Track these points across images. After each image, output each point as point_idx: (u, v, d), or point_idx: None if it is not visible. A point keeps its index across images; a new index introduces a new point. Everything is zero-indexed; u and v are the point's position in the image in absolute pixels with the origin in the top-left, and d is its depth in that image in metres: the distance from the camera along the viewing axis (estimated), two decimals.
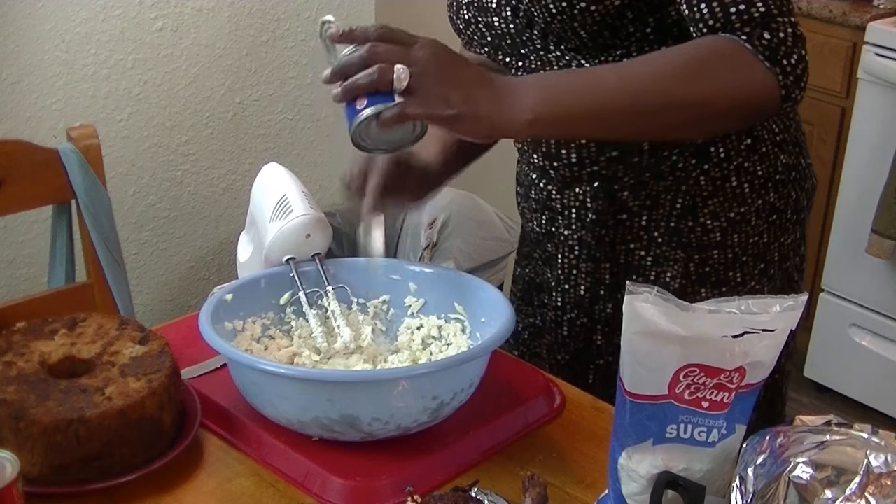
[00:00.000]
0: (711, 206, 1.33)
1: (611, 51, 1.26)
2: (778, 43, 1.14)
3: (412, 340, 1.33)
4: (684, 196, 1.33)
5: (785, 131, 1.35)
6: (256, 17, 2.48)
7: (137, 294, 2.35)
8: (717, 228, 1.34)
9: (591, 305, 1.43)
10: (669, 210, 1.33)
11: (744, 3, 1.14)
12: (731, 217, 1.34)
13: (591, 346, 1.45)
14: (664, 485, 0.98)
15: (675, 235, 1.34)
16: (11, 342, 1.21)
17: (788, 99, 1.16)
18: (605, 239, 1.37)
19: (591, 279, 1.41)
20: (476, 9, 1.33)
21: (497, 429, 1.23)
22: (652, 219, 1.34)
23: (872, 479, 0.87)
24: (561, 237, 1.42)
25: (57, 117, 2.23)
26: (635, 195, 1.34)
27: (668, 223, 1.34)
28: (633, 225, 1.35)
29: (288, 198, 1.33)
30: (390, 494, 1.11)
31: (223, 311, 1.26)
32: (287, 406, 1.15)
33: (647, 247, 1.36)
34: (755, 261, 1.36)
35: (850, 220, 2.89)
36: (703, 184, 1.32)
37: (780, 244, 1.38)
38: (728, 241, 1.34)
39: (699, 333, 0.95)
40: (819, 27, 2.85)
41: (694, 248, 1.34)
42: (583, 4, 1.22)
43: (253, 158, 2.55)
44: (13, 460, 0.98)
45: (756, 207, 1.34)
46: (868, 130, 2.81)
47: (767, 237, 1.37)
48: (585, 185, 1.36)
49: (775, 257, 1.38)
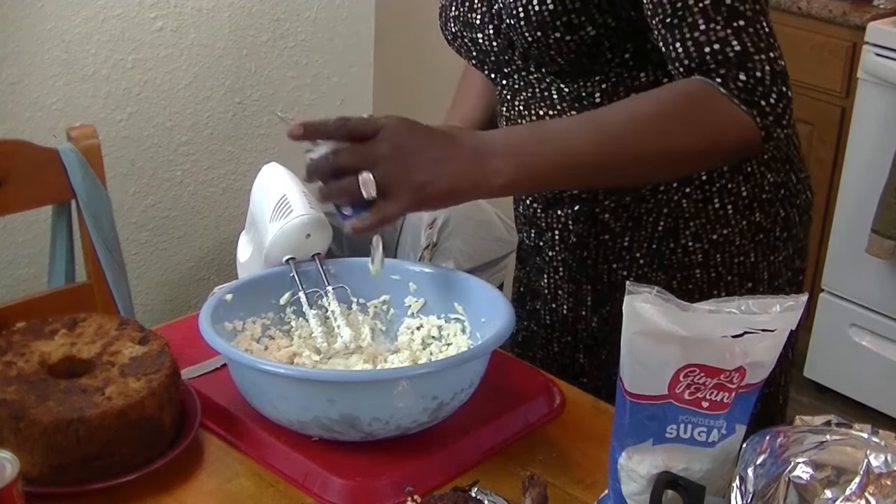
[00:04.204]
0: (693, 227, 1.31)
1: (590, 76, 1.24)
2: (754, 84, 1.11)
3: (412, 340, 1.33)
4: (666, 218, 1.31)
5: (773, 149, 1.32)
6: (256, 17, 2.48)
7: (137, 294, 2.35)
8: (699, 250, 1.32)
9: (573, 325, 1.43)
10: (651, 232, 1.32)
11: (718, 43, 1.11)
12: (713, 239, 1.32)
13: (575, 364, 1.45)
14: (664, 485, 0.98)
15: (657, 257, 1.33)
16: (11, 342, 1.21)
17: (770, 139, 1.13)
18: (588, 260, 1.37)
19: (573, 300, 1.42)
20: (461, 23, 1.33)
21: (497, 429, 1.23)
22: (634, 240, 1.33)
23: (872, 479, 0.87)
24: (546, 257, 1.43)
25: (57, 117, 2.22)
26: (617, 217, 1.33)
27: (650, 245, 1.33)
28: (616, 246, 1.35)
29: (288, 198, 1.34)
30: (390, 494, 1.11)
31: (223, 311, 1.26)
32: (287, 406, 1.15)
33: (628, 267, 1.35)
34: (741, 279, 1.34)
35: (850, 220, 2.89)
36: (685, 206, 1.30)
37: (769, 263, 1.36)
38: (710, 261, 1.33)
39: (699, 333, 0.95)
40: (819, 27, 2.85)
41: (676, 268, 1.33)
42: (557, 35, 1.20)
43: (253, 158, 2.55)
44: (13, 460, 0.98)
45: (741, 228, 1.32)
46: (868, 130, 2.81)
47: (755, 256, 1.34)
48: (567, 208, 1.36)
49: (764, 276, 1.36)
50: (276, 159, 1.46)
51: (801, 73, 2.83)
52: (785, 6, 2.89)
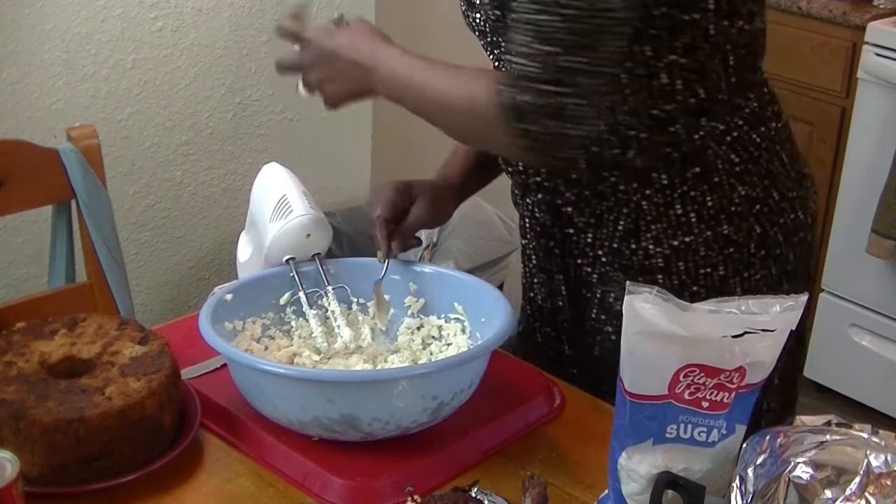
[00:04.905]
0: (654, 231, 1.30)
1: None
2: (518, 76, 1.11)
3: (412, 340, 1.33)
4: (626, 218, 1.31)
5: (748, 162, 1.29)
6: (256, 17, 2.48)
7: (137, 294, 2.35)
8: (660, 255, 1.31)
9: (551, 315, 1.44)
10: (612, 231, 1.32)
11: (510, 55, 1.12)
12: (674, 245, 1.30)
13: (562, 356, 1.46)
14: (664, 485, 0.98)
15: (618, 257, 1.33)
16: (11, 342, 1.21)
17: (509, 119, 1.12)
18: (555, 250, 1.38)
19: (545, 290, 1.42)
20: (466, 2, 1.35)
21: (497, 429, 1.23)
22: (597, 237, 1.34)
23: (872, 479, 0.87)
24: (522, 244, 1.45)
25: (57, 117, 2.22)
26: (580, 212, 1.33)
27: (612, 244, 1.33)
28: (580, 241, 1.35)
29: (288, 198, 1.34)
30: (390, 494, 1.11)
31: (223, 311, 1.26)
32: (287, 406, 1.15)
33: (592, 264, 1.36)
34: (708, 292, 1.31)
35: (850, 220, 2.89)
36: (645, 208, 1.29)
37: (742, 279, 1.32)
38: (673, 267, 1.31)
39: (699, 333, 0.95)
40: (819, 27, 2.85)
41: (637, 271, 1.32)
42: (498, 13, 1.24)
43: (253, 158, 2.55)
44: (13, 460, 0.98)
45: (705, 238, 1.30)
46: (868, 130, 2.81)
47: (724, 270, 1.31)
48: (534, 196, 1.37)
49: (737, 292, 1.32)
50: (276, 159, 1.47)
51: (801, 73, 2.83)
52: (785, 6, 2.89)
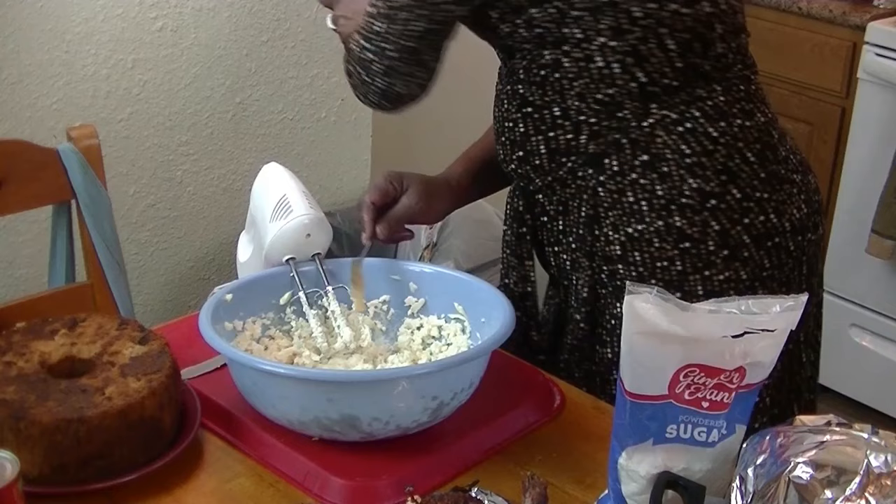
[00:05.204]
0: (612, 218, 1.32)
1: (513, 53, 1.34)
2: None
3: (412, 340, 1.33)
4: (586, 204, 1.34)
5: (701, 155, 1.29)
6: (256, 17, 2.48)
7: (137, 294, 2.35)
8: (617, 242, 1.32)
9: (521, 300, 1.46)
10: (577, 217, 1.35)
11: None
12: (629, 232, 1.31)
13: (529, 340, 1.48)
14: (664, 485, 0.98)
15: (583, 243, 1.36)
16: (11, 342, 1.21)
17: None
18: (526, 237, 1.43)
19: (516, 274, 1.46)
20: None
21: (497, 429, 1.23)
22: (566, 224, 1.38)
23: (872, 479, 0.87)
24: (503, 230, 1.48)
25: (57, 117, 2.22)
26: (549, 199, 1.38)
27: (578, 230, 1.36)
28: (553, 229, 1.40)
29: (288, 198, 1.34)
30: (390, 494, 1.11)
31: (223, 311, 1.26)
32: (287, 406, 1.15)
33: (565, 251, 1.39)
34: (668, 287, 1.24)
35: (850, 220, 2.89)
36: (601, 195, 1.32)
37: (703, 278, 1.31)
38: (629, 257, 1.32)
39: (699, 333, 0.95)
40: (819, 27, 2.85)
41: (601, 258, 1.35)
42: None
43: (253, 158, 2.55)
44: (13, 460, 0.98)
45: (657, 228, 1.30)
46: (868, 130, 2.81)
47: (682, 265, 1.31)
48: (513, 184, 1.43)
49: (698, 291, 1.31)
50: (276, 159, 1.47)
51: (801, 73, 2.83)
52: (785, 6, 2.88)
